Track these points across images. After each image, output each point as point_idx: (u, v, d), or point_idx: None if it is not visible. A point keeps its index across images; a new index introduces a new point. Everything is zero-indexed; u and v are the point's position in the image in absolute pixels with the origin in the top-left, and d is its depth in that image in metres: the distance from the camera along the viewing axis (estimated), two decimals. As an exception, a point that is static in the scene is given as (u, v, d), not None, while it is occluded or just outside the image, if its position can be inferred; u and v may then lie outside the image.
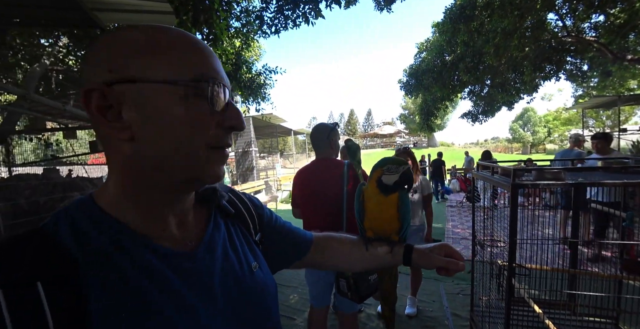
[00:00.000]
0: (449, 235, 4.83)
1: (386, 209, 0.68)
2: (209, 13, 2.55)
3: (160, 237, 0.40)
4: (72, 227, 0.35)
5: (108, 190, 0.39)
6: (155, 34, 0.36)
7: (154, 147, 0.35)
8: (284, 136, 18.35)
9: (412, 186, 0.65)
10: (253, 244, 0.53)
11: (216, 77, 0.37)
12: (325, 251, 0.67)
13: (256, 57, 8.36)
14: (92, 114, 0.35)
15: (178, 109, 0.35)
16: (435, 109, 10.34)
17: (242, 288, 0.44)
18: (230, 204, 0.54)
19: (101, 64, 0.34)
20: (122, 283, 0.34)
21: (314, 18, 3.60)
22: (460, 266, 0.59)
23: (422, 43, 10.38)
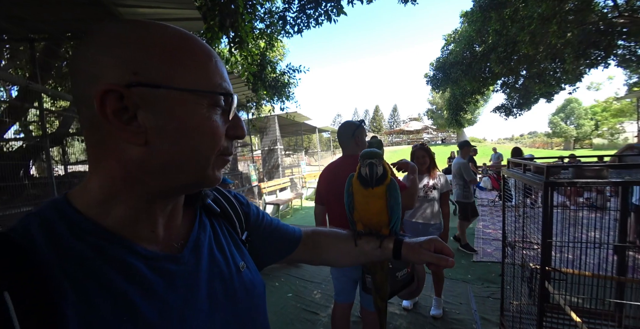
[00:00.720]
0: (479, 235, 4.61)
1: (374, 202, 0.68)
2: (234, 17, 2.64)
3: (145, 239, 0.39)
4: (45, 231, 0.33)
5: (89, 191, 0.37)
6: (181, 39, 0.35)
7: (167, 153, 0.35)
8: (308, 133, 18.47)
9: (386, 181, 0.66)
10: (240, 244, 0.52)
11: (229, 88, 0.39)
12: (314, 247, 0.66)
13: (280, 57, 8.49)
14: (104, 115, 0.32)
15: (198, 118, 0.35)
16: (464, 103, 9.87)
17: (229, 288, 0.44)
18: (215, 202, 0.53)
19: (122, 63, 0.32)
20: (103, 290, 0.32)
21: (335, 15, 3.58)
22: (450, 262, 0.56)
23: (449, 35, 9.93)
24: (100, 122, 0.33)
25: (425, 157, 2.45)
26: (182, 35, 0.36)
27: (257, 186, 7.63)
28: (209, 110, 0.36)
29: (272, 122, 10.76)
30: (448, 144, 30.83)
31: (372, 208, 0.68)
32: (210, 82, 0.36)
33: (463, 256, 3.78)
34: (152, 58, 0.33)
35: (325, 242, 0.67)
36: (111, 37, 0.33)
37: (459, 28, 9.43)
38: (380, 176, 0.67)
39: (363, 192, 0.68)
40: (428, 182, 2.43)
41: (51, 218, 0.34)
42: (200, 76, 0.35)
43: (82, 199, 0.37)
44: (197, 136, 0.35)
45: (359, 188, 0.69)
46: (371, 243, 0.65)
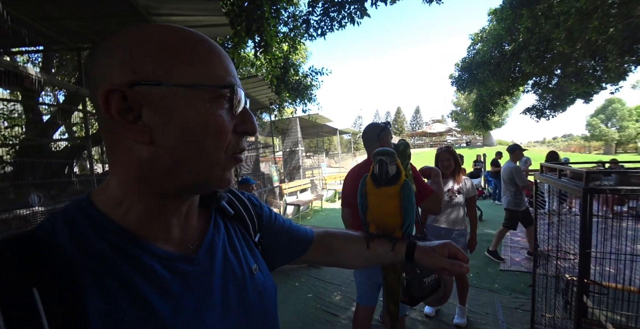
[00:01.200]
0: (507, 243, 4.39)
1: (387, 203, 0.66)
2: (260, 22, 2.72)
3: (161, 240, 0.39)
4: (70, 230, 0.34)
5: (109, 192, 0.38)
6: (179, 36, 0.35)
7: (173, 151, 0.35)
8: (329, 135, 18.49)
9: (396, 179, 0.67)
10: (252, 246, 0.53)
11: (235, 82, 0.37)
12: (325, 248, 0.66)
13: (303, 59, 8.59)
14: (110, 115, 0.33)
15: (202, 114, 0.34)
16: (492, 104, 9.45)
17: (242, 290, 0.44)
18: (229, 204, 0.53)
19: (124, 64, 0.33)
20: (122, 288, 0.33)
21: (359, 18, 3.58)
22: (464, 268, 0.55)
23: (476, 34, 9.55)
24: (110, 123, 0.34)
25: (450, 160, 2.38)
26: (181, 32, 0.36)
27: (279, 186, 7.75)
28: (213, 105, 0.35)
29: (293, 123, 10.89)
30: (473, 147, 29.60)
31: (385, 209, 0.66)
32: (212, 77, 0.35)
33: (489, 264, 3.62)
34: (150, 56, 0.33)
35: (337, 244, 0.66)
36: (113, 41, 0.34)
37: (487, 26, 9.06)
38: (393, 175, 0.66)
39: (376, 192, 0.67)
40: (453, 186, 2.36)
41: (75, 217, 0.35)
42: (201, 71, 0.35)
43: (103, 199, 0.38)
44: (202, 133, 0.35)
45: (372, 188, 0.68)
46: (384, 246, 0.64)
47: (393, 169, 0.66)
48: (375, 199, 0.67)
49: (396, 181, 0.66)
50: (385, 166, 0.65)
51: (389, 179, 0.65)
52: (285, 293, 3.04)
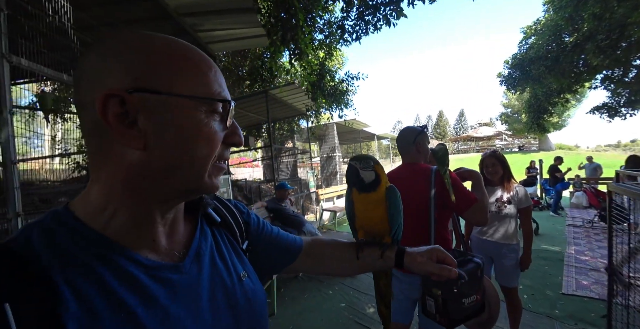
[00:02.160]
0: (570, 262, 3.81)
1: (373, 209, 0.67)
2: (295, 30, 2.79)
3: (145, 248, 0.39)
4: (47, 241, 0.33)
5: (89, 200, 0.37)
6: (182, 50, 0.37)
7: (165, 158, 0.35)
8: (367, 141, 18.30)
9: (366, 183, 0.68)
10: (240, 253, 0.52)
11: (227, 95, 0.40)
12: (315, 257, 0.66)
13: (339, 65, 8.64)
14: (105, 119, 0.33)
15: (196, 124, 0.36)
16: (549, 104, 8.49)
17: (231, 297, 0.44)
18: (215, 211, 0.53)
19: (125, 70, 0.33)
20: (104, 299, 0.32)
21: (395, 19, 3.47)
22: (452, 273, 0.56)
23: (529, 26, 8.67)
24: (101, 127, 0.34)
25: (496, 166, 2.13)
26: (183, 45, 0.37)
27: (315, 192, 7.79)
28: (207, 116, 0.37)
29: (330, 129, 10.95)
30: (527, 152, 26.84)
31: (371, 215, 0.67)
32: (209, 90, 0.37)
33: (549, 285, 3.16)
34: (153, 65, 0.34)
35: (327, 252, 0.67)
36: (114, 46, 0.35)
37: (542, 18, 8.18)
38: (372, 181, 0.66)
39: (361, 199, 0.68)
40: (502, 195, 2.11)
41: (52, 228, 0.34)
42: (199, 84, 0.36)
43: (83, 208, 0.37)
44: (195, 141, 0.36)
45: (356, 194, 0.68)
46: (373, 253, 0.64)
47: (369, 176, 0.66)
48: (361, 205, 0.68)
49: (375, 187, 0.66)
50: (353, 171, 0.66)
51: (365, 185, 0.66)
52: (317, 300, 3.00)
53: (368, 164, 0.67)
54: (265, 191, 7.10)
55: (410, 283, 1.55)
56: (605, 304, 2.68)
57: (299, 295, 3.13)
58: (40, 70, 1.37)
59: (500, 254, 2.06)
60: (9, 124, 1.21)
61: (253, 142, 7.44)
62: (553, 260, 3.91)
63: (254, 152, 12.28)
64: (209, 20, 2.76)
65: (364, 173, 0.66)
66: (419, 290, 1.44)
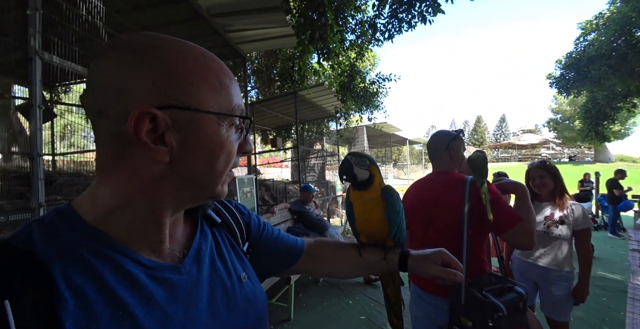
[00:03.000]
0: (636, 295, 3.23)
1: (371, 210, 0.66)
2: (323, 29, 2.71)
3: (146, 248, 0.39)
4: (49, 239, 0.33)
5: (97, 200, 0.37)
6: (212, 65, 0.38)
7: (186, 170, 0.36)
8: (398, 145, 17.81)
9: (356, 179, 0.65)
10: (241, 254, 0.52)
11: (245, 108, 0.41)
12: (317, 258, 0.65)
13: (371, 66, 8.45)
14: (136, 136, 0.33)
15: (219, 138, 0.37)
16: (611, 109, 7.53)
17: (231, 299, 0.44)
18: (215, 212, 0.53)
19: (154, 84, 0.34)
20: (103, 298, 0.32)
21: (432, 15, 3.25)
22: (458, 276, 0.55)
23: (588, 21, 7.76)
24: (123, 137, 0.34)
25: (545, 179, 1.83)
26: (207, 56, 0.38)
27: (342, 196, 7.66)
28: (229, 130, 0.38)
29: (360, 132, 10.77)
30: (580, 163, 24.22)
31: (369, 217, 0.67)
32: (231, 104, 0.38)
33: (607, 322, 2.70)
34: (181, 81, 0.34)
35: (329, 253, 0.66)
36: (139, 54, 0.34)
37: (606, 11, 7.25)
38: (366, 179, 0.66)
39: (358, 199, 0.68)
40: (552, 213, 1.80)
41: (55, 225, 0.35)
42: (223, 99, 0.37)
43: (89, 208, 0.37)
44: (216, 154, 0.37)
45: (353, 194, 0.68)
46: (376, 254, 0.64)
47: (362, 173, 0.66)
48: (359, 207, 0.68)
49: (367, 185, 0.66)
50: (347, 165, 0.66)
51: (358, 182, 0.66)
52: (336, 309, 2.86)
53: (363, 162, 0.66)
54: (292, 191, 7.12)
55: (435, 306, 1.37)
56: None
57: (318, 302, 3.02)
58: (71, 67, 1.43)
59: (549, 281, 1.76)
60: (38, 118, 1.26)
61: (281, 143, 7.51)
62: (612, 290, 3.37)
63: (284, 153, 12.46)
64: (238, 20, 2.79)
65: (357, 170, 0.66)
66: (445, 315, 1.27)
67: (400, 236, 0.69)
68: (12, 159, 3.94)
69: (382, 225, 0.66)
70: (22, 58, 1.39)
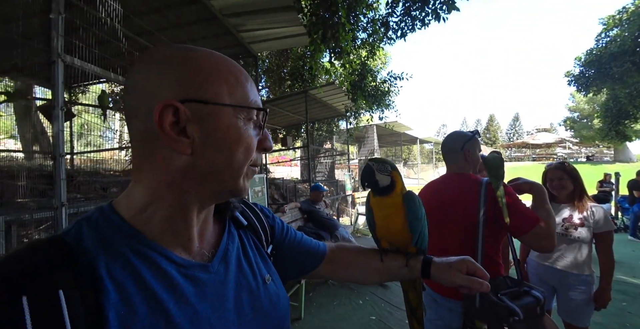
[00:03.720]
0: (662, 299, 3.12)
1: (392, 216, 0.66)
2: (335, 28, 2.70)
3: (178, 247, 0.41)
4: (95, 236, 0.36)
5: (133, 199, 0.39)
6: (227, 64, 0.41)
7: (209, 162, 0.38)
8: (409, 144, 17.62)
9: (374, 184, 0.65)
10: (265, 256, 0.53)
11: (262, 104, 0.43)
12: (339, 263, 0.66)
13: (382, 65, 8.37)
14: (160, 127, 0.36)
15: (238, 131, 0.39)
16: (634, 107, 7.22)
17: (255, 300, 0.45)
18: (242, 215, 0.54)
19: (177, 82, 0.37)
20: (140, 292, 0.34)
21: (446, 13, 3.18)
22: (485, 286, 0.53)
23: (611, 16, 7.42)
24: (151, 133, 0.37)
25: (564, 181, 1.77)
26: (224, 59, 0.41)
27: (351, 195, 7.63)
28: (245, 123, 0.40)
29: (370, 132, 10.70)
30: (598, 163, 23.33)
31: (390, 223, 0.66)
32: (247, 100, 0.41)
33: (628, 327, 2.61)
34: (201, 78, 0.38)
35: (351, 258, 0.67)
36: (166, 59, 0.38)
37: (630, 5, 6.93)
38: (387, 186, 0.66)
39: (379, 205, 0.67)
40: (571, 215, 1.75)
41: (99, 223, 0.37)
42: (239, 94, 0.40)
43: (126, 207, 0.39)
44: (235, 146, 0.39)
45: (374, 200, 0.68)
46: (397, 261, 0.64)
47: (384, 179, 0.66)
48: (380, 212, 0.67)
49: (389, 191, 0.66)
50: (369, 171, 0.66)
51: (380, 188, 0.66)
52: (347, 310, 2.86)
53: (385, 168, 0.66)
54: (302, 190, 7.15)
55: (450, 309, 1.35)
56: None
57: (328, 302, 3.02)
58: (91, 69, 1.47)
59: (567, 285, 1.71)
60: (61, 120, 1.30)
61: (291, 142, 7.54)
62: (633, 295, 3.25)
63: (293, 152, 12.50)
64: (251, 20, 2.80)
65: (379, 175, 0.66)
66: (459, 318, 1.25)
67: (423, 242, 0.68)
68: (34, 157, 4.10)
69: (404, 232, 0.65)
70: (45, 61, 1.43)
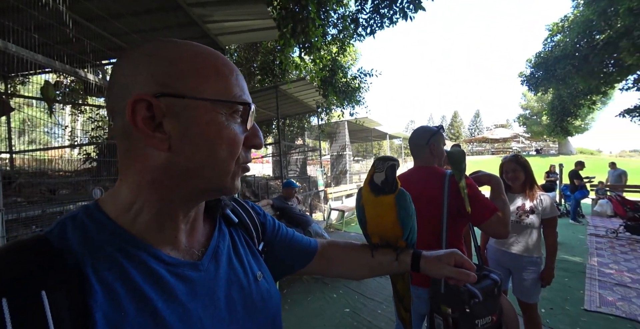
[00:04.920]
0: (593, 275, 3.55)
1: (384, 213, 0.67)
2: (305, 22, 2.66)
3: (167, 245, 0.40)
4: (80, 235, 0.35)
5: (118, 198, 0.39)
6: (206, 56, 0.38)
7: (188, 159, 0.37)
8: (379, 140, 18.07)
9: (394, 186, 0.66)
10: (257, 253, 0.53)
11: (248, 99, 0.41)
12: (330, 259, 0.66)
13: (352, 61, 8.45)
14: (134, 123, 0.35)
15: (218, 126, 0.37)
16: (574, 106, 8.06)
17: (247, 297, 0.44)
18: (233, 212, 0.54)
19: (153, 76, 0.35)
20: (129, 292, 0.34)
21: (412, 12, 3.28)
22: (472, 277, 0.56)
23: (555, 23, 8.19)
24: (130, 130, 0.36)
25: (517, 172, 1.94)
26: (207, 51, 0.39)
27: (324, 191, 7.68)
28: (228, 119, 0.38)
29: (341, 127, 10.80)
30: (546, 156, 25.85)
31: (383, 220, 0.67)
32: (230, 94, 0.38)
33: (569, 300, 2.94)
34: (178, 71, 0.36)
35: (342, 254, 0.67)
36: (143, 54, 0.36)
37: (571, 14, 7.70)
38: (395, 186, 0.67)
39: (373, 203, 0.67)
40: (524, 203, 1.93)
41: (84, 222, 0.36)
42: (220, 88, 0.38)
43: (112, 205, 0.39)
44: (216, 143, 0.37)
45: (369, 198, 0.68)
46: (388, 255, 0.65)
47: (396, 180, 0.67)
48: (372, 210, 0.68)
49: (395, 190, 0.67)
50: (396, 171, 0.66)
51: (392, 188, 0.66)
52: (320, 304, 2.90)
53: (398, 165, 0.66)
54: (274, 187, 7.05)
55: (418, 296, 1.43)
56: (635, 325, 2.49)
57: (302, 298, 3.04)
58: (31, 57, 1.31)
59: (520, 267, 1.89)
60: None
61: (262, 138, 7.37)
62: (573, 272, 3.67)
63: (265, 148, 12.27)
64: (218, 11, 2.67)
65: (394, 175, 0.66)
66: (426, 305, 1.32)
67: (412, 237, 0.69)
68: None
69: (395, 227, 0.67)
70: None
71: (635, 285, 3.23)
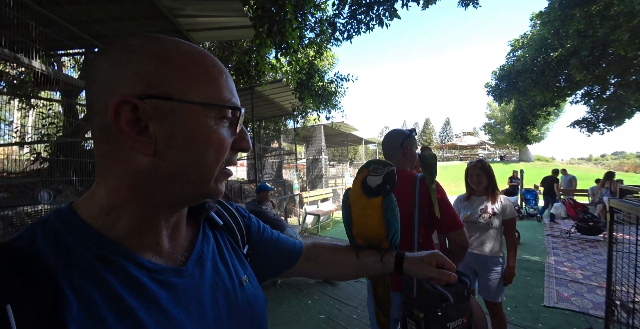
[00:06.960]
0: (550, 273, 3.80)
1: (371, 215, 0.68)
2: (282, 23, 2.63)
3: (148, 251, 0.38)
4: (52, 241, 0.32)
5: (95, 201, 0.36)
6: (195, 56, 0.36)
7: (174, 164, 0.35)
8: (354, 144, 18.32)
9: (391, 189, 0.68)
10: (242, 256, 0.52)
11: (238, 103, 0.40)
12: (315, 260, 0.66)
13: (329, 66, 8.53)
14: (117, 125, 0.32)
15: (206, 130, 0.36)
16: (532, 116, 8.73)
17: (232, 302, 0.43)
18: (217, 215, 0.53)
19: (137, 76, 0.33)
20: (106, 301, 0.32)
21: (388, 19, 3.37)
22: (452, 277, 0.57)
23: (516, 40, 8.92)
24: (111, 132, 0.33)
25: (481, 177, 2.03)
26: (195, 50, 0.37)
27: (299, 195, 7.61)
28: (217, 123, 0.37)
29: (317, 131, 10.81)
30: (508, 162, 27.69)
31: (369, 221, 0.68)
32: (219, 97, 0.37)
33: (531, 297, 3.12)
34: (165, 72, 0.34)
35: (326, 255, 0.67)
36: (127, 51, 0.34)
37: (529, 32, 8.41)
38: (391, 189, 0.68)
39: (361, 205, 0.68)
40: (486, 205, 2.01)
41: (57, 227, 0.34)
42: (210, 90, 0.36)
43: (88, 209, 0.36)
44: (204, 148, 0.36)
45: (357, 200, 0.69)
46: (372, 256, 0.65)
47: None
48: (359, 211, 0.69)
49: (390, 193, 0.68)
50: (396, 177, 0.67)
51: (378, 189, 0.67)
52: (295, 311, 2.81)
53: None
54: (248, 191, 6.86)
55: (393, 303, 1.41)
56: (587, 318, 2.68)
57: (276, 306, 2.94)
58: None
59: (486, 268, 1.96)
60: None
61: (237, 141, 7.17)
62: (534, 270, 3.90)
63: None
64: (190, 5, 2.55)
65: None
66: (400, 309, 1.31)
67: (396, 239, 0.71)
68: None
69: (381, 229, 0.68)
70: None
71: (586, 281, 3.50)
